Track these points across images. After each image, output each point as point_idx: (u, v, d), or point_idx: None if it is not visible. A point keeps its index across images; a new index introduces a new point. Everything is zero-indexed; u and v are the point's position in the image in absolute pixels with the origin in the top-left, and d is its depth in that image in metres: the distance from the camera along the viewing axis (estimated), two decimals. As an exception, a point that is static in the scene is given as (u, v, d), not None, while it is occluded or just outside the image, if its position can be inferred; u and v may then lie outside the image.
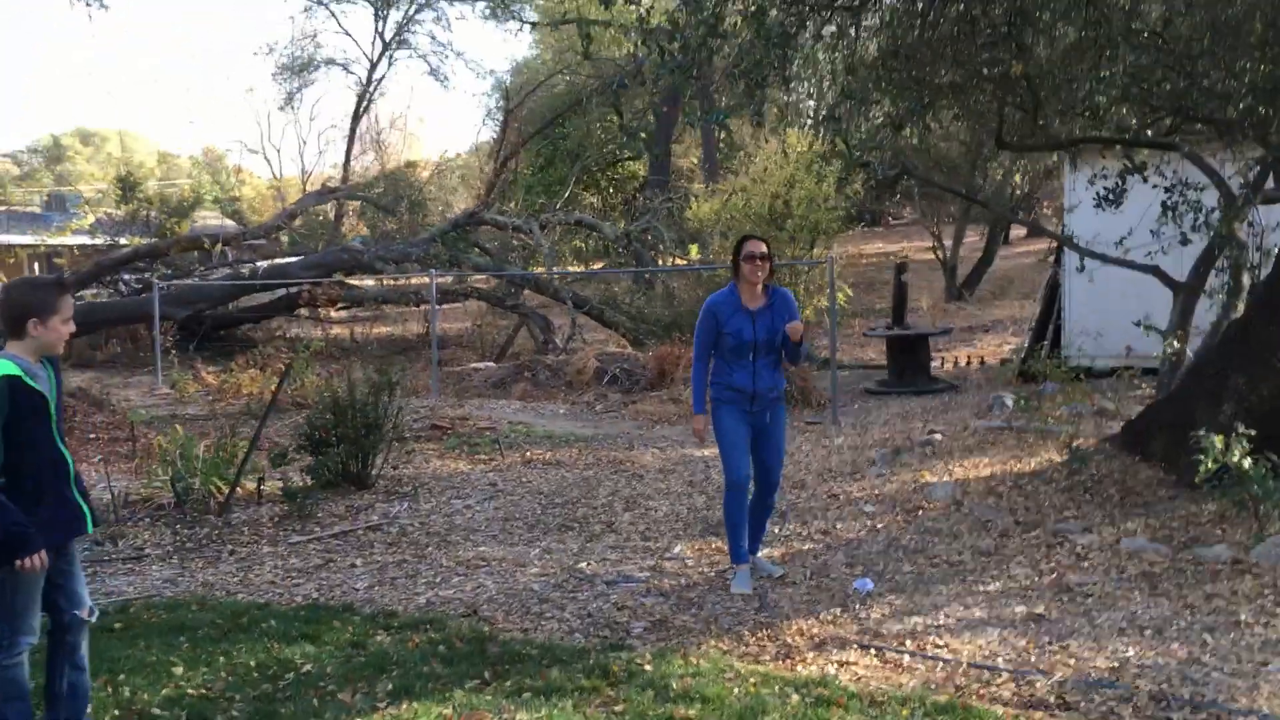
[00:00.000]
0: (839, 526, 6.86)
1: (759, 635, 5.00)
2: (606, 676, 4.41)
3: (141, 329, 22.62)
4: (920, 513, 7.00)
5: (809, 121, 21.30)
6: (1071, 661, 4.52)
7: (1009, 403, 11.27)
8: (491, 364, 18.25)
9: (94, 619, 3.94)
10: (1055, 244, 14.86)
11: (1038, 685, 4.29)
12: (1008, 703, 4.16)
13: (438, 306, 23.92)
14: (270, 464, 8.06)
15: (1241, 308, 7.85)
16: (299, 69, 37.27)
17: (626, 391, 14.83)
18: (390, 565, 6.42)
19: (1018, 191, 23.87)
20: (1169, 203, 8.22)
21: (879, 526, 6.78)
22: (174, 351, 21.85)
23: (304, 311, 23.27)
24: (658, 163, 29.52)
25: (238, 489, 8.16)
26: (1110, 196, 8.95)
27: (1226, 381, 6.92)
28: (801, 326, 5.69)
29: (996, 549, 6.19)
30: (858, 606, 5.35)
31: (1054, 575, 5.68)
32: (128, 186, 24.98)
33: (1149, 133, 9.39)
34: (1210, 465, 5.78)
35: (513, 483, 8.74)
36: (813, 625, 5.11)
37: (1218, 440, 5.79)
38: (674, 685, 4.29)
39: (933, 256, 27.27)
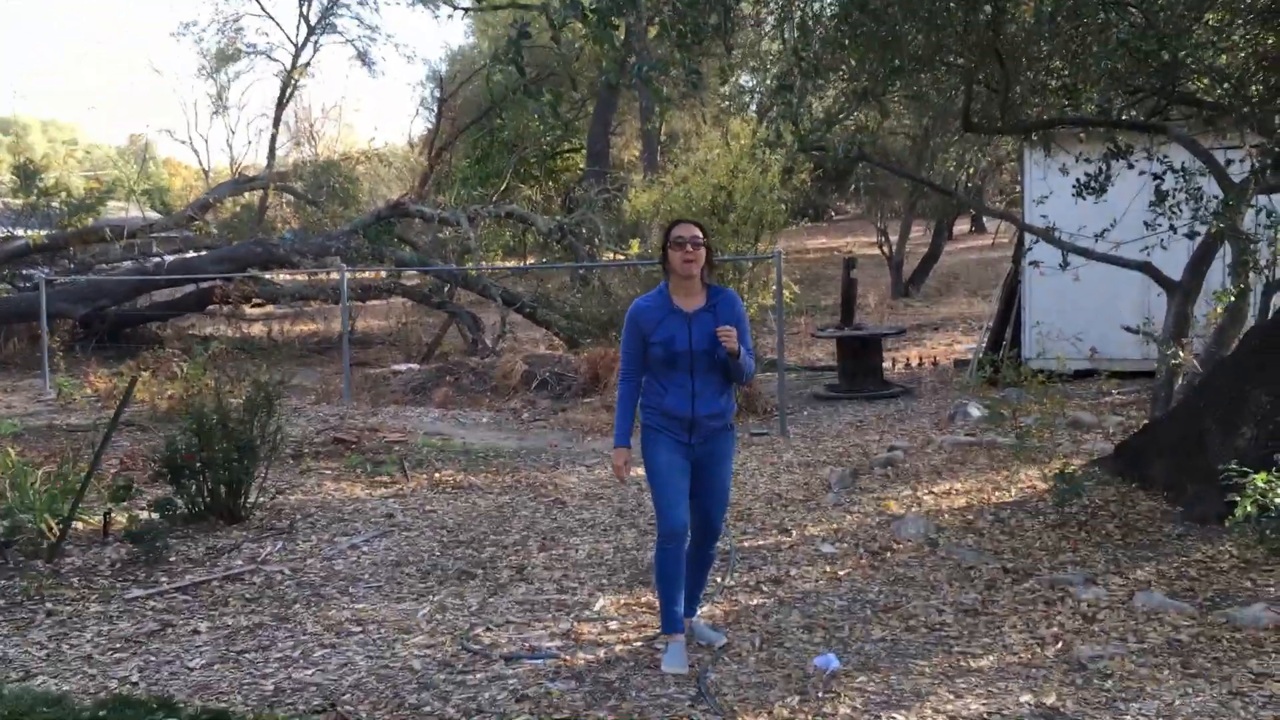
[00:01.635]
0: (793, 574, 5.73)
1: (695, 743, 3.85)
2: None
3: (51, 325, 21.03)
4: (889, 555, 5.89)
5: (753, 107, 20.29)
6: (1105, 784, 3.43)
7: (973, 412, 10.26)
8: (415, 365, 16.96)
9: None
10: (1017, 240, 13.92)
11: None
12: None
13: (361, 303, 22.64)
14: (111, 500, 6.76)
15: (1251, 311, 6.85)
16: (223, 60, 35.61)
17: (557, 397, 13.63)
18: (241, 632, 5.18)
19: (969, 184, 23.05)
20: (1164, 190, 7.19)
21: (840, 574, 5.66)
22: (75, 351, 20.30)
23: (217, 309, 21.80)
24: (595, 153, 28.28)
25: (78, 525, 6.87)
26: (1092, 184, 7.93)
27: (1244, 399, 5.90)
28: (734, 332, 4.52)
29: (984, 605, 5.09)
30: (820, 695, 4.22)
31: (1059, 645, 4.59)
32: (26, 176, 23.21)
33: (1133, 114, 8.41)
34: (1250, 508, 4.72)
35: (414, 513, 7.51)
36: (765, 725, 3.96)
37: (1259, 479, 4.74)
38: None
39: (878, 252, 26.38)
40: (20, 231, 22.83)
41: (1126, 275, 9.54)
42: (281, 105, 35.73)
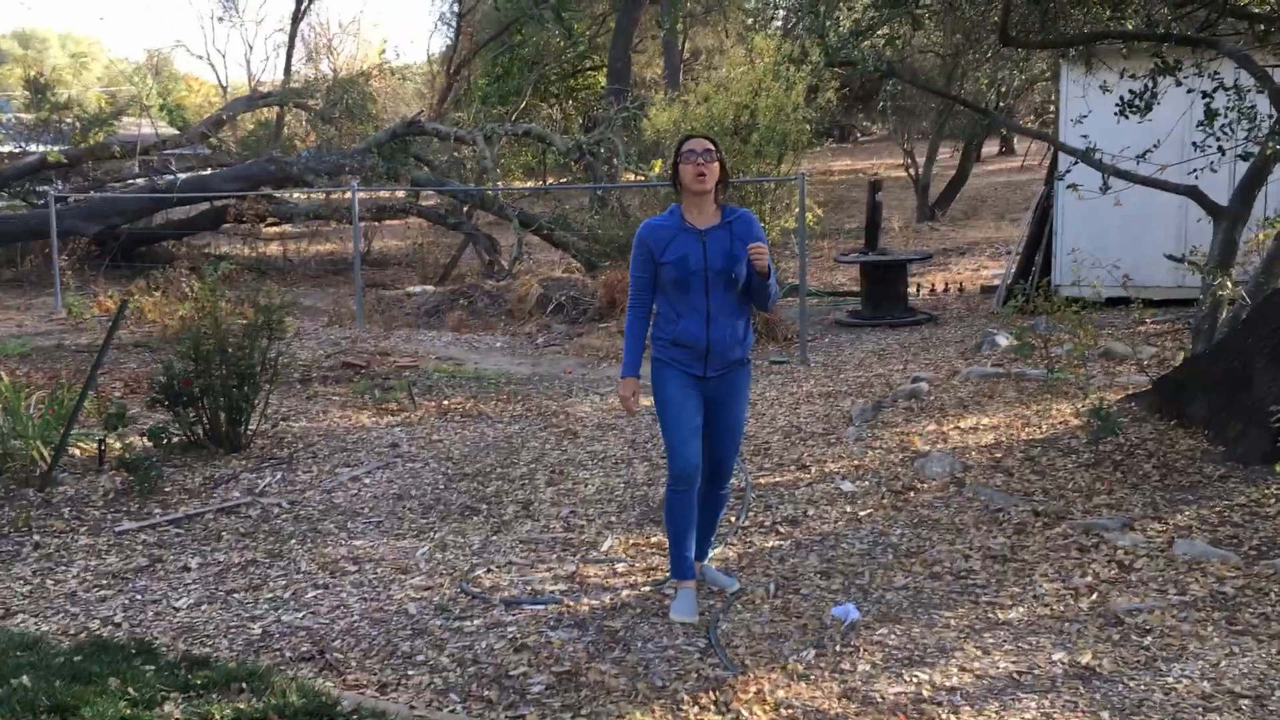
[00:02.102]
0: (810, 514, 5.45)
1: (702, 701, 3.60)
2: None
3: (66, 242, 20.79)
4: (912, 495, 5.60)
5: (777, 21, 19.60)
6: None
7: (1000, 341, 9.91)
8: (430, 287, 16.67)
9: None
10: (1050, 162, 13.41)
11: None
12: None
13: (377, 223, 22.27)
14: (105, 427, 6.52)
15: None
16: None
17: (572, 322, 13.33)
18: (233, 570, 4.95)
19: (1000, 104, 22.33)
20: (1214, 109, 6.73)
21: (861, 515, 5.38)
22: (89, 270, 20.10)
23: (232, 228, 21.49)
24: (616, 71, 27.56)
25: (75, 451, 6.67)
26: (1137, 102, 7.48)
27: (1297, 334, 5.53)
28: (766, 249, 4.21)
29: (1013, 551, 4.81)
30: (838, 647, 3.96)
31: (1094, 596, 4.30)
32: (37, 90, 22.81)
33: (1181, 28, 7.90)
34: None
35: (420, 442, 7.27)
36: (777, 681, 3.70)
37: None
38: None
39: (904, 174, 25.76)
40: (33, 147, 22.51)
41: (1162, 199, 9.11)
42: (297, 19, 35.01)
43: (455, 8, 33.58)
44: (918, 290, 14.94)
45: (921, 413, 7.24)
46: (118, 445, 6.62)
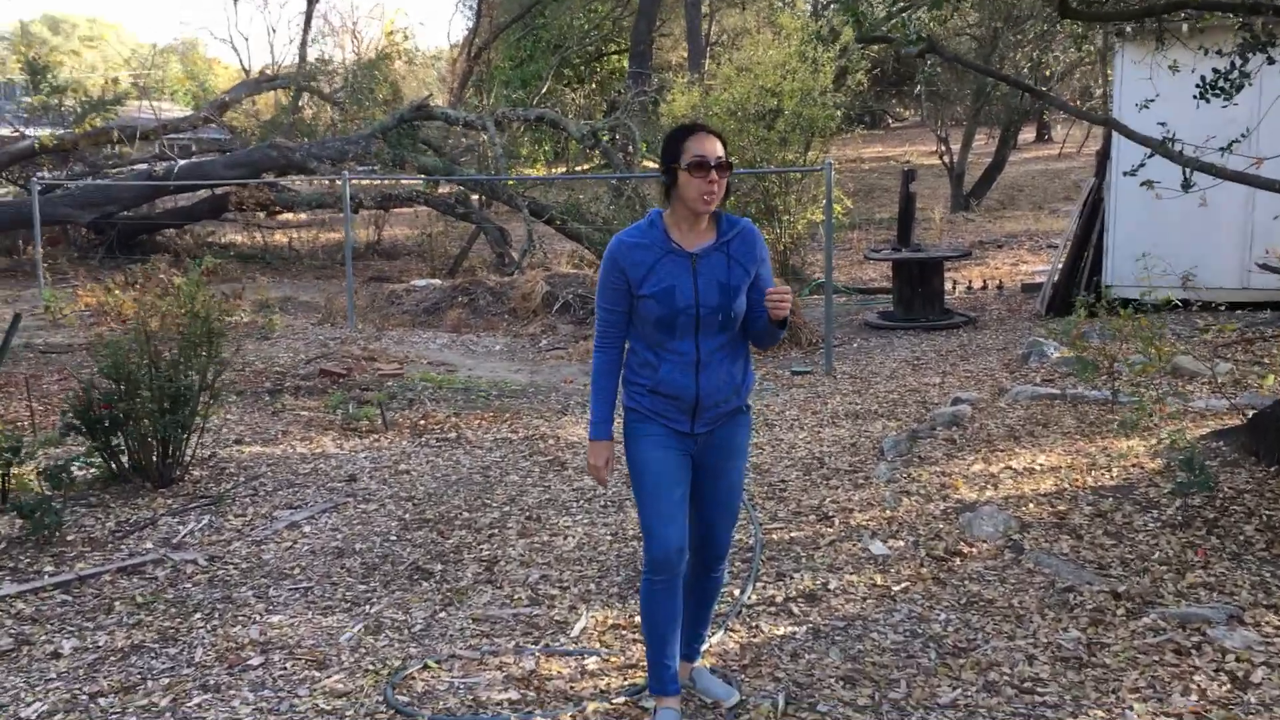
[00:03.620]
0: (833, 586, 4.43)
1: None
2: None
3: (66, 231, 20.04)
4: (958, 563, 4.57)
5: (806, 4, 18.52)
6: None
7: (1050, 352, 8.85)
8: (436, 281, 15.71)
9: None
10: (1100, 151, 12.28)
11: None
12: None
13: (384, 211, 21.34)
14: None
15: None
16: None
17: (579, 322, 12.34)
18: (111, 660, 3.99)
19: (1045, 86, 21.08)
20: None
21: (895, 590, 4.35)
22: (89, 259, 19.32)
23: (234, 216, 20.64)
24: (637, 54, 26.47)
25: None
26: (1222, 83, 6.39)
27: None
28: (788, 294, 3.19)
29: (1090, 651, 3.77)
30: (866, 809, 2.95)
31: (1204, 728, 3.27)
32: (36, 72, 21.96)
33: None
34: None
35: (383, 474, 6.29)
36: None
37: None
38: None
39: (937, 161, 24.57)
40: (30, 131, 21.69)
41: (1225, 192, 8.05)
42: (313, 1, 34.12)
43: (477, -12, 32.63)
44: (953, 287, 13.85)
45: (965, 445, 6.20)
46: (34, 478, 5.69)
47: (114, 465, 5.89)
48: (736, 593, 4.39)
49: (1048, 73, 19.43)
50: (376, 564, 4.89)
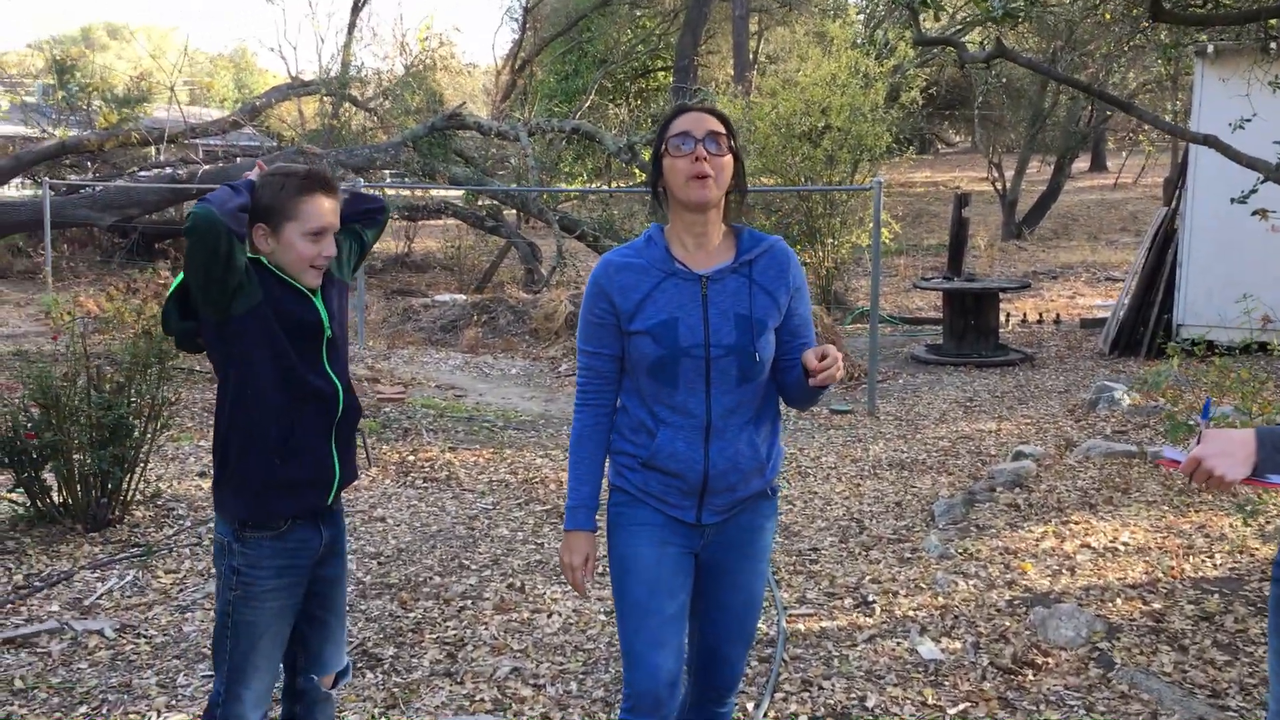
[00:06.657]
0: (872, 703, 3.53)
1: None
2: None
3: (93, 234, 19.58)
4: (1030, 678, 3.66)
5: (860, 15, 17.65)
6: None
7: (1120, 398, 7.90)
8: (461, 297, 14.97)
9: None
10: (1174, 179, 11.32)
11: None
12: None
13: (411, 222, 20.68)
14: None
15: None
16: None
17: (604, 346, 11.48)
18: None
19: (1094, 114, 20.08)
20: None
21: (951, 714, 3.45)
22: (113, 264, 18.81)
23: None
24: (681, 69, 25.71)
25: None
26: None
27: None
28: (838, 360, 2.30)
29: (1210, 817, 2.86)
30: None
31: None
32: (62, 71, 21.53)
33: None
34: None
35: (353, 523, 5.47)
36: None
37: None
38: None
39: (989, 188, 23.59)
40: (56, 131, 21.24)
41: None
42: (357, 8, 33.74)
43: (523, 1, 32.06)
44: (1006, 320, 12.89)
45: (1031, 513, 5.28)
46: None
47: (39, 504, 5.11)
48: (750, 706, 3.50)
49: (1120, 90, 18.40)
50: (320, 642, 4.05)
